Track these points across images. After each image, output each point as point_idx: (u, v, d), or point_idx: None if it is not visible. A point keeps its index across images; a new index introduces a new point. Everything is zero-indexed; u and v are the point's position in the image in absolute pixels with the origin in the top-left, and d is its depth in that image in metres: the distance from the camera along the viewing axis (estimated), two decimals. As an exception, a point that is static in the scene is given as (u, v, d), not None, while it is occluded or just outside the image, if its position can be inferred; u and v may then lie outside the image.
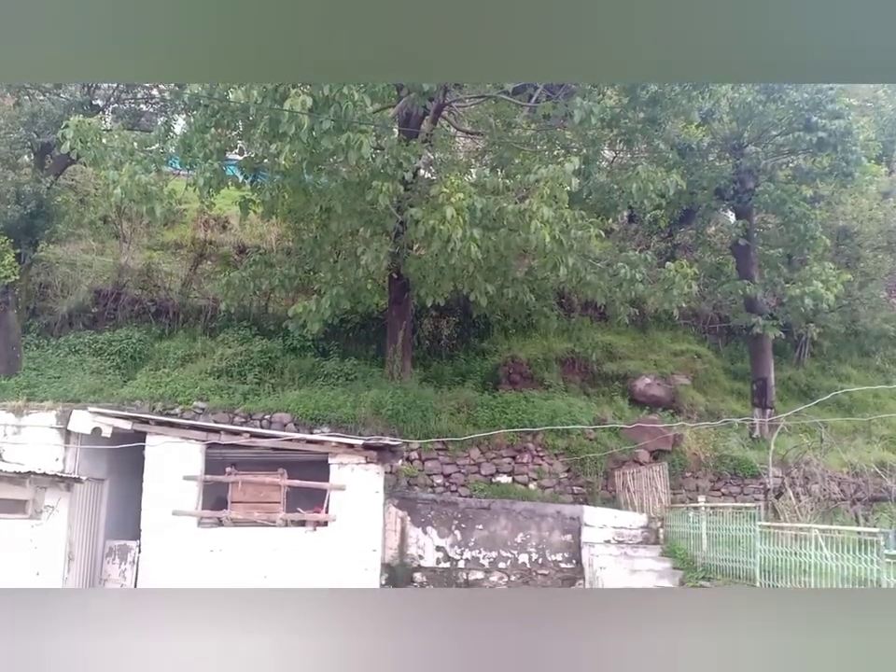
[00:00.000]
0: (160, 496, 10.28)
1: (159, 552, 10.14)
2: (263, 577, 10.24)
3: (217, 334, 16.79)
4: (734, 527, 11.37)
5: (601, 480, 14.98)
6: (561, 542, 13.38)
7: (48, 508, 9.61)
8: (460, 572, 13.02)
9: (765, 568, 10.37)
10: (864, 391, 17.68)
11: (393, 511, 13.06)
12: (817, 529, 9.75)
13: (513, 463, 15.04)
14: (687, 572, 12.11)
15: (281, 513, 10.50)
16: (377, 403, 14.56)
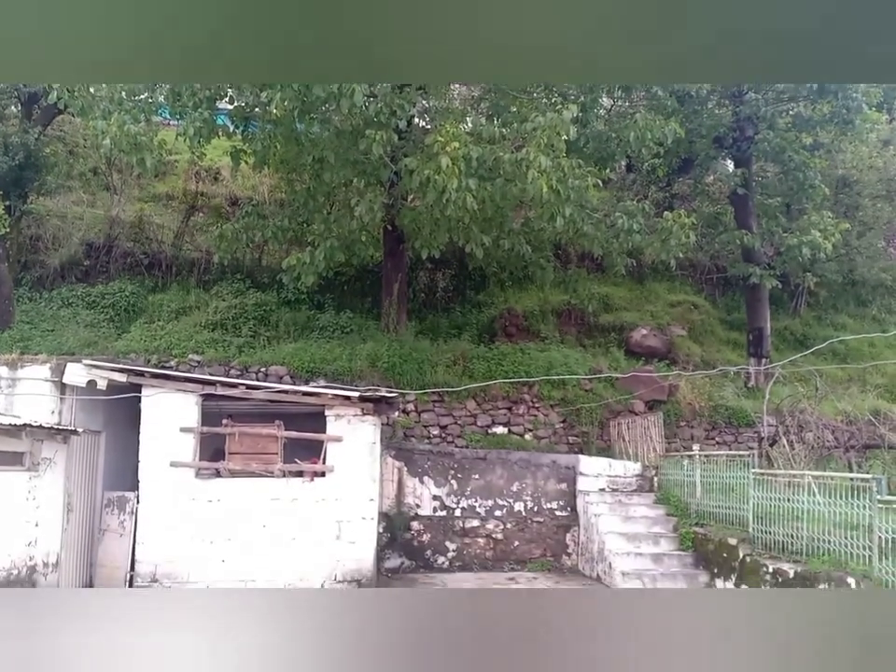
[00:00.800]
0: (157, 447, 10.32)
1: (157, 502, 10.21)
2: (262, 526, 10.35)
3: (211, 287, 16.70)
4: (727, 475, 11.49)
5: (596, 430, 15.09)
6: (556, 491, 13.53)
7: (45, 460, 9.64)
8: (457, 520, 13.19)
9: (758, 515, 10.50)
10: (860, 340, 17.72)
11: (390, 462, 13.17)
12: (810, 476, 9.84)
13: (509, 414, 15.13)
14: (681, 518, 12.28)
15: (278, 464, 10.55)
16: (373, 356, 14.57)
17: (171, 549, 10.18)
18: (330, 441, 10.74)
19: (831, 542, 9.15)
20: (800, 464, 11.57)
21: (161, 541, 10.18)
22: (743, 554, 10.48)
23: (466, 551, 13.12)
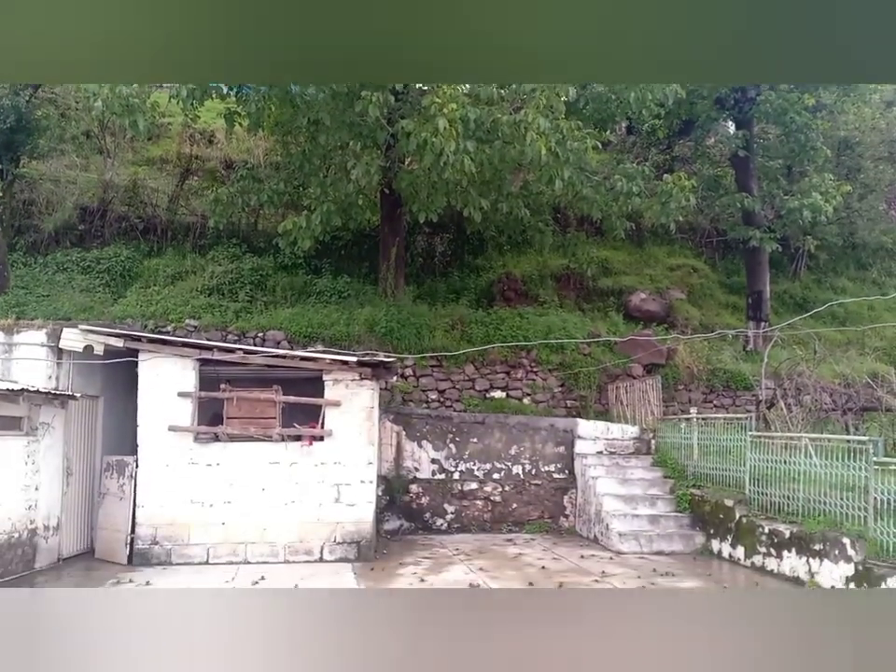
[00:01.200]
0: (155, 412, 10.31)
1: (156, 466, 10.24)
2: (261, 490, 10.39)
3: (207, 252, 16.57)
4: (725, 437, 11.54)
5: (594, 394, 15.12)
6: (554, 454, 13.60)
7: (43, 425, 9.64)
8: (455, 483, 13.28)
9: (755, 476, 10.57)
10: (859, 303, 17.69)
11: (388, 426, 13.21)
12: (807, 438, 9.89)
13: (507, 378, 15.15)
14: (678, 480, 12.36)
15: (277, 429, 10.56)
16: (371, 321, 14.53)
17: (171, 512, 10.23)
18: (329, 406, 10.73)
19: (827, 503, 9.22)
20: (797, 426, 11.61)
21: (160, 505, 10.23)
22: (739, 515, 10.57)
23: (464, 513, 13.22)
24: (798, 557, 9.25)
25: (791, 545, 9.39)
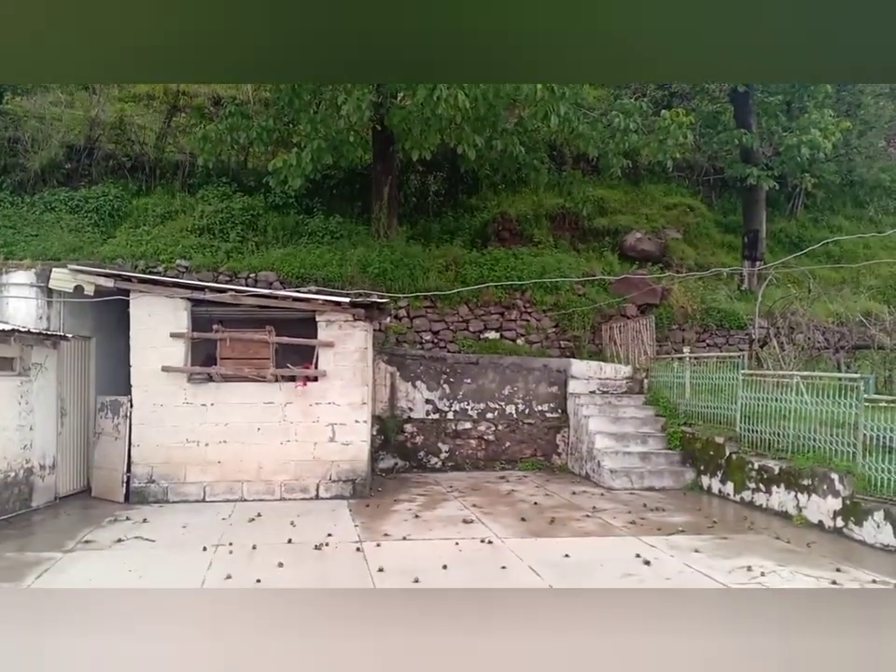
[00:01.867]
0: (148, 353, 10.29)
1: (150, 406, 10.27)
2: (257, 430, 10.46)
3: (196, 191, 16.30)
4: (717, 376, 11.60)
5: (588, 334, 15.13)
6: (547, 394, 13.68)
7: (35, 365, 9.61)
8: (449, 423, 13.38)
9: (746, 414, 10.66)
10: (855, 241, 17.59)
11: (383, 367, 13.24)
12: (798, 376, 9.94)
13: (501, 319, 15.13)
14: (669, 419, 12.47)
15: (271, 369, 10.55)
16: (363, 261, 14.41)
17: (166, 451, 10.31)
18: (322, 347, 10.72)
19: (816, 440, 9.32)
20: (789, 364, 11.67)
21: (156, 444, 10.29)
22: (729, 452, 10.70)
23: (458, 452, 13.36)
24: (787, 492, 9.40)
25: (780, 481, 9.53)
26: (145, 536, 8.26)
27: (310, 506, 10.06)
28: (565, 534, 8.54)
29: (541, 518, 9.31)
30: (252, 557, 7.40)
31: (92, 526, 8.71)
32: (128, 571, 6.84)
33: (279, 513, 9.50)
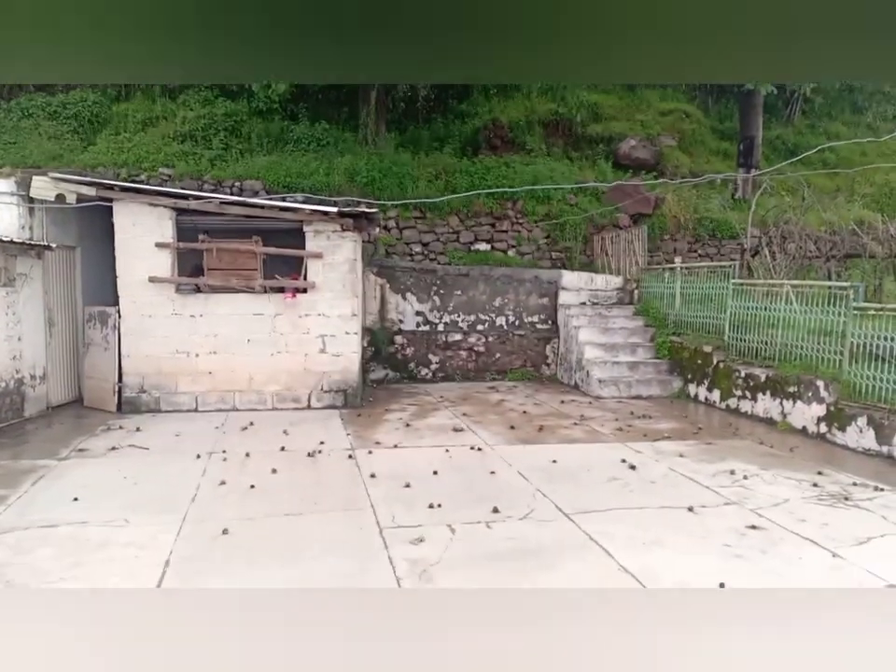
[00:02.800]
0: (134, 263, 10.14)
1: (138, 317, 10.20)
2: (247, 341, 10.44)
3: (177, 96, 15.75)
4: (707, 286, 11.58)
5: (580, 245, 15.00)
6: (538, 305, 13.68)
7: (20, 276, 9.48)
8: (439, 335, 13.40)
9: (735, 323, 10.70)
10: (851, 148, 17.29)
11: (372, 279, 13.15)
12: (789, 285, 9.92)
13: (492, 231, 14.96)
14: (658, 329, 12.52)
15: (259, 280, 10.45)
16: (351, 170, 14.10)
17: (156, 362, 10.31)
18: (310, 258, 10.58)
19: (803, 348, 9.39)
20: (780, 274, 11.64)
21: (146, 355, 10.28)
22: (717, 361, 10.79)
23: (448, 363, 13.44)
24: (772, 399, 9.53)
25: (766, 388, 9.65)
26: (138, 444, 8.34)
27: (302, 415, 10.16)
28: (553, 441, 8.68)
29: (530, 426, 9.45)
30: (245, 464, 7.50)
31: (86, 435, 8.79)
32: (123, 478, 6.93)
33: (271, 423, 9.59)
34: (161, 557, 5.02)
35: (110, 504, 6.16)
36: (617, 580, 4.71)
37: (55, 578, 4.65)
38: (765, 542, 5.39)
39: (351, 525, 5.71)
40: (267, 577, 4.71)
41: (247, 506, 6.15)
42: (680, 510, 6.11)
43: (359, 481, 6.94)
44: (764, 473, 7.26)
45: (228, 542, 5.32)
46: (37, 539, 5.35)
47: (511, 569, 4.84)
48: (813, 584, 4.67)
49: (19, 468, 7.27)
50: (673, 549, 5.25)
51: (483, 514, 5.94)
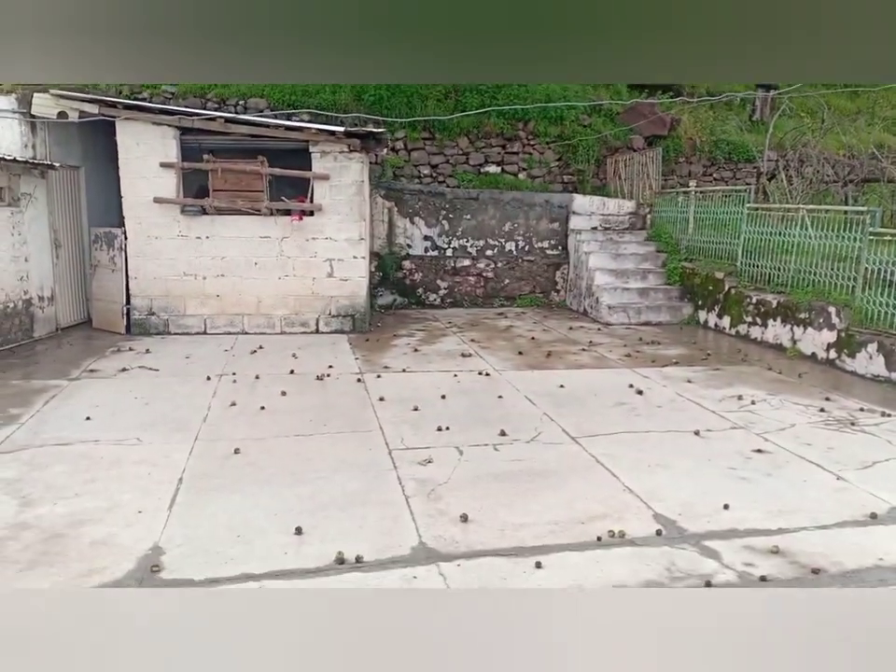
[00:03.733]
0: (138, 183, 9.99)
1: (144, 238, 10.12)
2: (254, 264, 10.37)
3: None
4: (721, 210, 11.37)
5: (592, 168, 14.70)
6: (548, 230, 13.49)
7: (25, 195, 9.36)
8: (448, 260, 13.29)
9: (748, 249, 10.55)
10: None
11: (380, 202, 12.96)
12: (804, 210, 9.72)
13: (503, 152, 14.63)
14: (670, 255, 12.37)
15: (265, 202, 10.30)
16: (358, 88, 13.71)
17: (164, 284, 10.29)
18: (317, 180, 10.40)
19: (817, 274, 9.28)
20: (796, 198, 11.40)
21: (153, 277, 10.25)
22: (728, 287, 10.69)
23: (457, 289, 13.37)
24: (783, 325, 9.47)
25: (777, 314, 9.58)
26: (148, 365, 8.40)
27: (310, 339, 10.18)
28: (561, 366, 8.69)
29: (538, 352, 9.45)
30: (255, 386, 7.56)
31: (96, 356, 8.84)
32: (134, 398, 7.00)
33: (280, 346, 9.63)
34: (173, 475, 5.10)
35: (122, 423, 6.24)
36: (622, 500, 4.77)
37: (70, 493, 4.75)
38: (770, 465, 5.43)
39: (360, 446, 5.77)
40: (278, 494, 4.79)
41: (258, 427, 6.22)
42: (687, 434, 6.15)
43: (368, 403, 7.00)
44: (772, 399, 7.27)
45: (239, 461, 5.39)
46: (51, 455, 5.44)
47: (517, 489, 4.91)
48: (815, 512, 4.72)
49: (31, 387, 7.35)
50: (678, 471, 5.30)
51: (490, 437, 6.00)
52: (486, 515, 4.51)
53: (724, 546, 4.16)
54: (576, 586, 3.21)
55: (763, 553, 4.07)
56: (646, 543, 4.18)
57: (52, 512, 4.47)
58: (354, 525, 4.35)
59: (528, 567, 3.87)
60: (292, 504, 4.64)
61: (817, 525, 4.45)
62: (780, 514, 4.59)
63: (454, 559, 3.96)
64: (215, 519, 4.41)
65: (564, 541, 4.19)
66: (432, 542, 4.15)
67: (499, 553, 4.03)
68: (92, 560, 3.90)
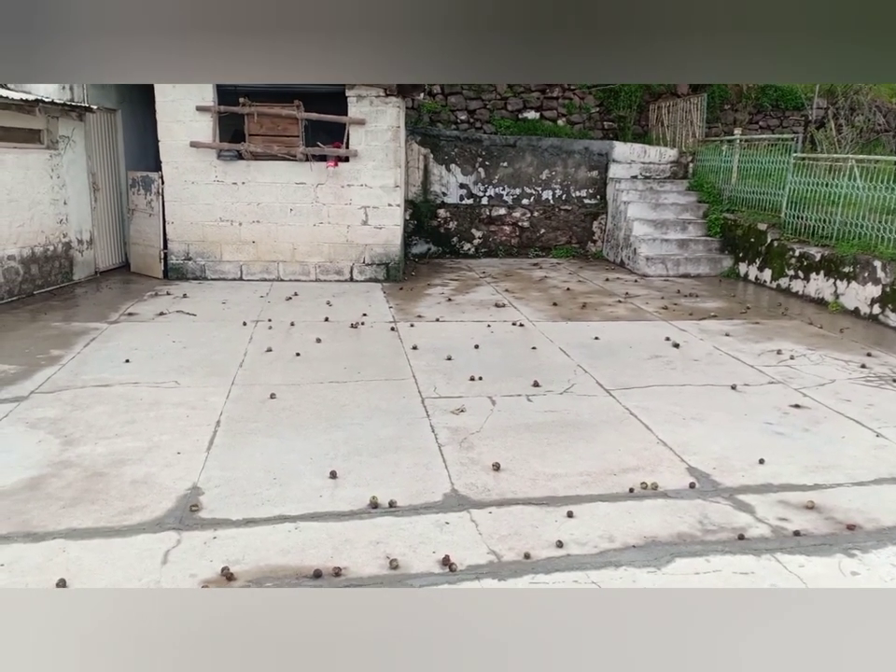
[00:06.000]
0: (174, 127, 9.98)
1: (181, 183, 10.14)
2: (289, 210, 10.36)
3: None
4: (767, 160, 11.03)
5: (634, 114, 14.32)
6: (586, 179, 13.23)
7: (63, 138, 9.41)
8: (483, 209, 13.14)
9: (793, 200, 10.24)
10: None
11: (416, 149, 12.79)
12: (853, 160, 9.38)
13: (542, 98, 14.33)
14: (712, 205, 12.08)
15: (301, 147, 10.23)
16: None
17: (201, 230, 10.34)
18: (353, 125, 10.28)
19: (863, 227, 8.99)
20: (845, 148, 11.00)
21: (190, 222, 10.31)
22: (771, 239, 10.42)
23: (492, 238, 13.25)
24: (825, 279, 9.24)
25: (821, 268, 9.34)
26: (186, 310, 8.50)
27: (344, 287, 10.21)
28: (596, 318, 8.61)
29: (573, 303, 9.36)
30: (290, 333, 7.62)
31: (134, 300, 8.97)
32: (172, 342, 7.10)
33: (314, 294, 9.67)
34: (212, 417, 5.19)
35: (160, 366, 6.34)
36: (655, 452, 4.75)
37: (111, 434, 4.86)
38: (808, 421, 5.35)
39: (393, 394, 5.81)
40: (313, 439, 4.85)
41: (293, 372, 6.28)
42: (723, 387, 6.08)
43: (401, 352, 7.02)
44: (812, 354, 7.13)
45: (275, 406, 5.47)
46: (92, 396, 5.57)
47: (549, 440, 4.91)
48: (852, 468, 4.66)
49: (71, 329, 7.49)
50: (713, 425, 5.25)
51: (523, 388, 5.99)
52: (518, 465, 4.52)
53: (758, 500, 4.13)
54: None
55: (797, 509, 4.03)
56: (679, 496, 4.17)
57: (94, 452, 4.59)
58: (387, 471, 4.40)
59: (560, 517, 3.89)
60: (327, 449, 4.70)
61: (853, 482, 4.39)
62: (816, 470, 4.54)
63: (485, 506, 3.99)
64: (251, 461, 4.49)
65: (596, 492, 4.19)
66: (464, 490, 4.18)
67: (531, 502, 4.05)
68: (133, 499, 4.00)
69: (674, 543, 3.66)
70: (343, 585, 3.25)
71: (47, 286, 9.24)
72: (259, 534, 3.67)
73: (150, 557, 3.44)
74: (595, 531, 3.76)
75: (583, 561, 3.48)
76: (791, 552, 3.60)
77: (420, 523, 3.81)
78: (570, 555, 3.53)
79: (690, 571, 3.41)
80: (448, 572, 3.36)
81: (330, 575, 3.32)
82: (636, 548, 3.61)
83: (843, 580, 3.37)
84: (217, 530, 3.70)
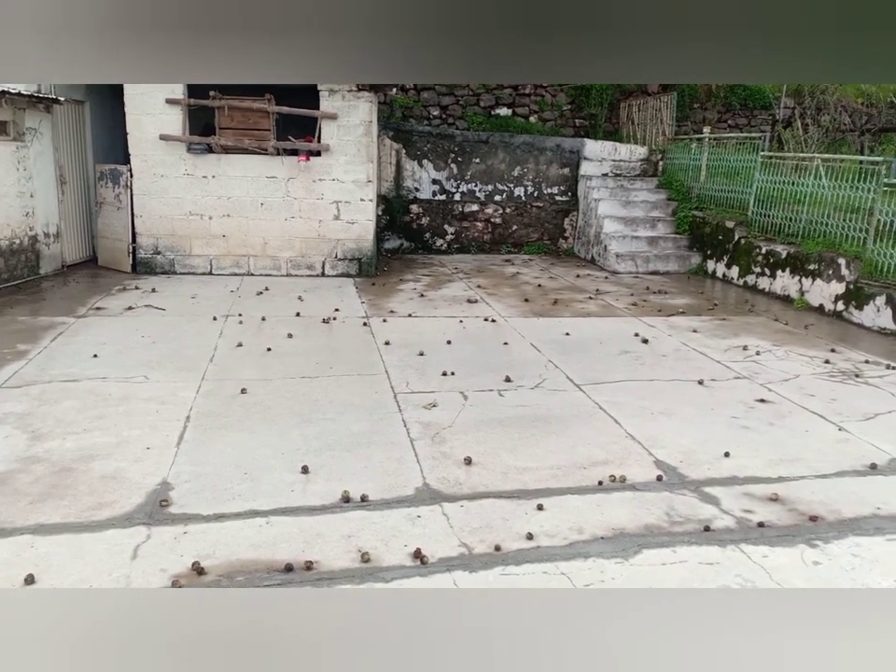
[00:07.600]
0: (144, 120, 9.86)
1: (150, 176, 10.02)
2: (260, 205, 10.29)
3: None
4: (735, 158, 11.19)
5: (605, 112, 14.44)
6: (558, 176, 13.32)
7: (30, 130, 9.23)
8: (456, 205, 13.17)
9: (760, 198, 10.41)
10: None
11: (388, 144, 12.77)
12: (819, 159, 9.56)
13: (514, 94, 14.37)
14: (681, 203, 12.23)
15: (272, 141, 10.16)
16: (368, 25, 13.38)
17: (170, 223, 10.23)
18: (325, 119, 10.24)
19: (828, 225, 9.17)
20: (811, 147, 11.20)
21: (159, 216, 10.19)
22: (738, 236, 10.59)
23: (464, 234, 13.28)
24: (791, 276, 9.42)
25: (787, 265, 9.51)
26: (155, 304, 8.41)
27: (316, 282, 10.17)
28: (567, 314, 8.68)
29: (544, 299, 9.43)
30: (262, 328, 7.58)
31: (102, 294, 8.86)
32: (141, 337, 7.03)
33: (286, 288, 9.62)
34: (181, 413, 5.16)
35: (129, 361, 6.28)
36: (623, 446, 4.82)
37: (79, 429, 4.81)
38: (773, 415, 5.46)
39: (366, 389, 5.81)
40: (284, 434, 4.85)
41: (264, 367, 6.26)
42: (690, 382, 6.18)
43: (374, 347, 7.02)
44: (777, 349, 7.27)
45: (246, 401, 5.45)
46: (60, 391, 5.50)
47: (520, 434, 4.96)
48: (815, 461, 4.77)
49: (38, 324, 7.38)
50: (680, 419, 5.34)
51: (495, 383, 6.03)
52: (490, 459, 4.56)
53: (724, 493, 4.21)
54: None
55: (762, 501, 4.12)
56: (646, 488, 4.24)
57: (62, 447, 4.54)
58: (359, 466, 4.41)
59: (530, 509, 3.93)
60: (298, 444, 4.70)
61: (817, 475, 4.49)
62: (781, 463, 4.64)
63: (457, 500, 4.02)
64: (222, 456, 4.48)
65: (566, 485, 4.24)
66: (436, 483, 4.21)
67: (502, 496, 4.10)
68: (102, 494, 3.97)
69: (641, 535, 3.72)
70: (314, 579, 3.27)
71: (12, 279, 9.08)
72: (229, 529, 3.67)
73: (120, 552, 3.42)
74: (565, 523, 3.81)
75: (553, 553, 3.53)
76: (755, 542, 3.68)
77: (392, 516, 3.83)
78: (540, 547, 3.57)
79: (657, 562, 3.48)
80: (419, 565, 3.39)
81: (302, 569, 3.33)
82: (604, 539, 3.67)
83: (805, 570, 3.46)
84: (188, 525, 3.69)
